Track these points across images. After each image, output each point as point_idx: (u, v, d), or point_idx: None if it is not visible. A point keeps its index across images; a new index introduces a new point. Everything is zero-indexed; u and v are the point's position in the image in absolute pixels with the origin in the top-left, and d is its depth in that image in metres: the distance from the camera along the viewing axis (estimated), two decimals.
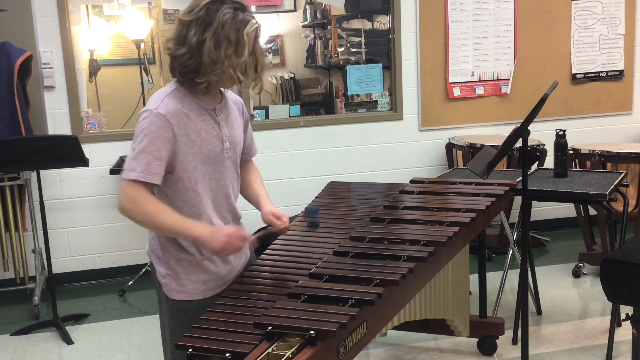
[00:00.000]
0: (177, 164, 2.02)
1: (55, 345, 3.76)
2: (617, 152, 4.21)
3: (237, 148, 2.20)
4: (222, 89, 2.17)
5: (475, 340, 3.41)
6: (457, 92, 5.09)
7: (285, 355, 1.67)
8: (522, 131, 2.69)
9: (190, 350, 1.74)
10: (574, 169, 4.21)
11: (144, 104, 5.61)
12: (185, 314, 2.09)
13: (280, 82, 5.71)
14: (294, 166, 4.91)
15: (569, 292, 4.15)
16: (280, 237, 2.56)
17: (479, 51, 5.10)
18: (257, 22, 2.04)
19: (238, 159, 2.23)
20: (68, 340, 3.77)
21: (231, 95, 2.26)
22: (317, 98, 5.60)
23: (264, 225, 2.38)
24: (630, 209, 4.19)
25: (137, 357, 3.57)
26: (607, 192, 3.24)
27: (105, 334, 3.89)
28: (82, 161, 3.96)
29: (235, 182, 2.22)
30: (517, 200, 4.42)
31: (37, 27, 4.39)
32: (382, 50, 5.09)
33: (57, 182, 4.55)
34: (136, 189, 1.95)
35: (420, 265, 2.22)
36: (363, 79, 5.03)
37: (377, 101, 5.08)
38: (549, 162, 4.23)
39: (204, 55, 1.96)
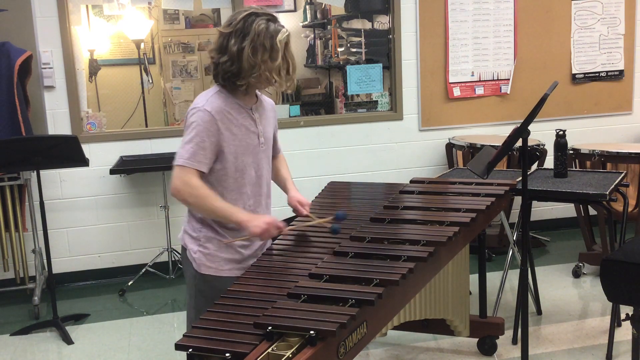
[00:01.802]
0: (221, 154, 2.30)
1: (55, 345, 3.76)
2: (617, 152, 4.21)
3: (270, 143, 2.50)
4: (257, 91, 2.44)
5: (475, 340, 3.41)
6: (457, 92, 5.10)
7: (285, 355, 1.67)
8: (522, 131, 2.69)
9: (190, 350, 1.74)
10: (574, 169, 4.21)
11: (144, 104, 5.60)
12: (212, 287, 2.34)
13: None
14: (294, 166, 4.84)
15: (569, 292, 4.15)
16: (280, 237, 2.57)
17: (479, 51, 5.10)
18: (287, 31, 2.32)
19: (271, 152, 2.53)
20: (68, 340, 3.77)
21: (264, 97, 2.53)
22: (317, 98, 5.61)
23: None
24: (630, 209, 4.19)
25: (137, 357, 3.57)
26: (607, 192, 3.24)
27: (105, 334, 3.89)
28: (82, 161, 3.96)
29: (270, 174, 2.52)
30: (517, 200, 4.42)
31: (37, 27, 4.39)
32: (382, 50, 5.09)
33: (57, 182, 4.55)
34: (189, 174, 2.24)
35: (420, 265, 2.22)
36: (363, 79, 5.03)
37: (377, 101, 5.08)
38: (549, 162, 4.23)
39: (243, 61, 2.25)
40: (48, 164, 3.90)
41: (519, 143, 2.77)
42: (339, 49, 5.47)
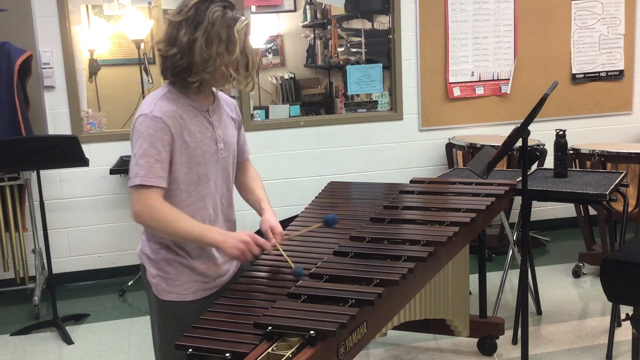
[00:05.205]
0: (172, 165, 2.02)
1: (55, 345, 3.76)
2: (617, 152, 4.21)
3: (231, 149, 2.20)
4: (215, 90, 2.17)
5: (475, 340, 3.41)
6: (457, 92, 5.09)
7: (285, 355, 1.67)
8: (522, 131, 2.70)
9: (190, 350, 1.74)
10: (574, 169, 4.21)
11: None
12: (175, 314, 2.12)
13: (280, 82, 5.72)
14: (294, 166, 4.91)
15: (569, 292, 4.15)
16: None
17: (479, 51, 5.10)
18: (246, 19, 2.03)
19: (232, 159, 2.22)
20: (68, 340, 3.77)
21: (223, 96, 2.26)
22: (317, 98, 5.61)
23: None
24: (630, 209, 4.18)
25: (137, 357, 3.57)
26: (607, 192, 3.24)
27: (105, 334, 3.89)
28: (82, 161, 3.96)
29: (230, 184, 2.22)
30: (517, 200, 4.41)
31: (37, 27, 4.39)
32: (382, 50, 5.09)
33: (57, 182, 4.55)
34: (147, 195, 1.96)
35: (420, 265, 2.22)
36: (363, 79, 5.03)
37: (377, 101, 5.08)
38: (549, 162, 4.23)
39: (195, 54, 1.96)
40: (48, 164, 3.90)
41: (519, 143, 2.77)
42: (339, 49, 5.47)
